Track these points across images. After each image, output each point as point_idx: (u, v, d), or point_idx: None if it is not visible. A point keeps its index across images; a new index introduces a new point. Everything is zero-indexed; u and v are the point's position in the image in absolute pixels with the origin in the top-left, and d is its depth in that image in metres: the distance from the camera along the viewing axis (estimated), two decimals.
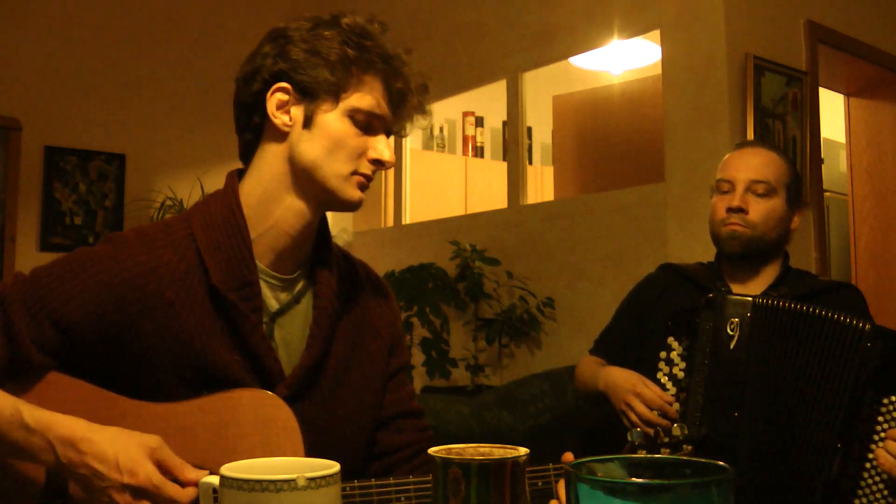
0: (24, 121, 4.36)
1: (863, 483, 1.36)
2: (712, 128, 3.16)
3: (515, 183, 4.05)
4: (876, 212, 4.26)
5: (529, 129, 4.97)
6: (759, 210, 1.79)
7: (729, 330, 1.54)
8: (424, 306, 3.76)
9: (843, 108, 4.39)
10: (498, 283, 3.90)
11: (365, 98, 1.16)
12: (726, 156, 1.89)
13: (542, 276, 3.78)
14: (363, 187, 1.19)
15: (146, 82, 4.72)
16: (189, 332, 1.11)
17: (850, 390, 1.38)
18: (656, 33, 3.49)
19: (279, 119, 1.17)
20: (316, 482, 0.73)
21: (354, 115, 1.16)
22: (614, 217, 3.54)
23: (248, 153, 1.23)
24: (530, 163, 5.21)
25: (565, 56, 3.92)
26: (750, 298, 1.55)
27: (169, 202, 4.53)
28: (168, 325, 1.10)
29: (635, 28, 3.59)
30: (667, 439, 1.41)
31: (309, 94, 1.16)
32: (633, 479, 0.58)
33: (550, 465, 1.12)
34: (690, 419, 1.57)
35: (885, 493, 1.34)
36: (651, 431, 1.62)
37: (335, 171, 1.16)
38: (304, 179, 1.17)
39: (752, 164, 1.81)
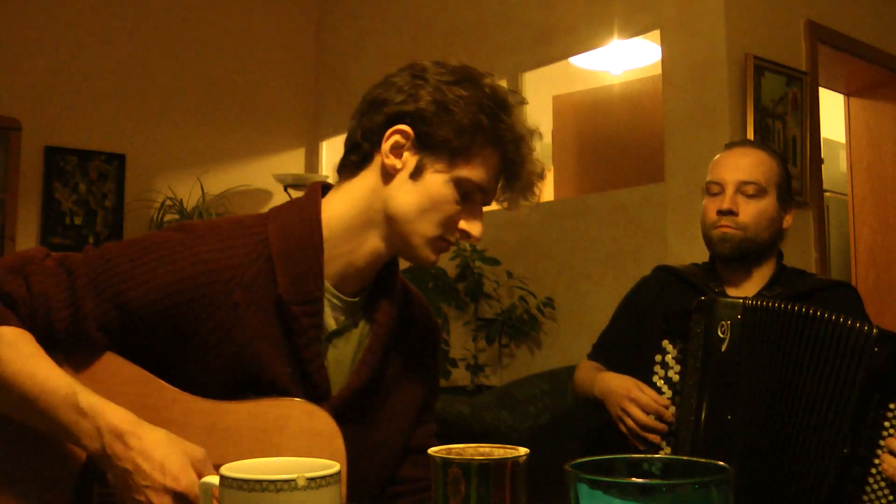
0: (24, 121, 4.36)
1: (867, 488, 1.35)
2: (712, 128, 3.16)
3: None
4: (876, 212, 4.26)
5: None
6: (750, 211, 1.78)
7: (720, 332, 1.54)
8: None
9: (843, 108, 4.39)
10: (498, 283, 3.90)
11: (478, 171, 1.14)
12: (716, 157, 1.89)
13: (542, 276, 3.78)
14: (442, 251, 1.19)
15: (146, 82, 4.72)
16: (248, 336, 1.10)
17: (856, 394, 1.36)
18: (656, 33, 3.49)
19: (390, 160, 1.14)
20: (316, 482, 0.73)
21: (461, 184, 1.14)
22: (614, 217, 3.54)
23: (346, 172, 1.21)
24: None
25: (565, 56, 3.92)
26: (740, 300, 1.55)
27: (169, 202, 4.54)
28: (229, 327, 1.10)
29: (635, 28, 3.59)
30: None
31: (427, 148, 1.13)
32: (633, 479, 0.58)
33: None
34: (685, 422, 1.57)
35: (891, 498, 1.34)
36: (657, 438, 1.62)
37: (422, 230, 1.15)
38: (390, 224, 1.16)
39: (742, 165, 1.81)
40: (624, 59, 4.25)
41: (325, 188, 1.23)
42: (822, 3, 3.59)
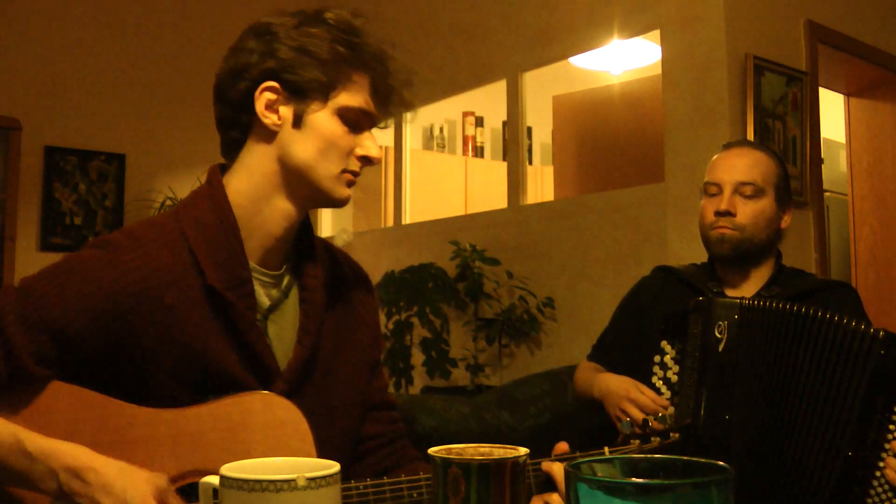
0: (24, 121, 4.36)
1: (871, 491, 1.34)
2: (712, 128, 3.16)
3: (515, 183, 4.05)
4: (876, 212, 4.26)
5: (529, 129, 4.97)
6: (748, 212, 1.78)
7: (717, 333, 1.54)
8: (424, 306, 3.76)
9: (843, 108, 4.39)
10: (498, 283, 3.90)
11: (354, 97, 1.16)
12: (713, 157, 1.89)
13: (542, 276, 3.78)
14: (351, 184, 1.20)
15: (146, 82, 4.72)
16: (189, 334, 1.10)
17: (861, 397, 1.35)
18: (656, 33, 3.48)
19: (268, 119, 1.16)
20: (316, 482, 0.73)
21: (344, 114, 1.16)
22: (614, 217, 3.54)
23: (232, 150, 1.22)
24: (530, 163, 5.21)
25: (565, 56, 3.92)
26: (738, 301, 1.55)
27: (169, 202, 4.54)
28: (168, 329, 1.09)
29: (635, 28, 3.58)
30: (657, 427, 1.40)
31: (298, 94, 1.15)
32: (633, 479, 0.58)
33: (566, 453, 1.13)
34: (682, 422, 1.57)
35: (895, 500, 1.33)
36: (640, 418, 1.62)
37: (327, 171, 1.16)
38: (295, 179, 1.17)
39: (739, 166, 1.81)
40: (624, 59, 4.25)
41: (223, 169, 1.23)
42: (822, 3, 3.59)
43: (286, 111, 1.16)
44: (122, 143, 4.64)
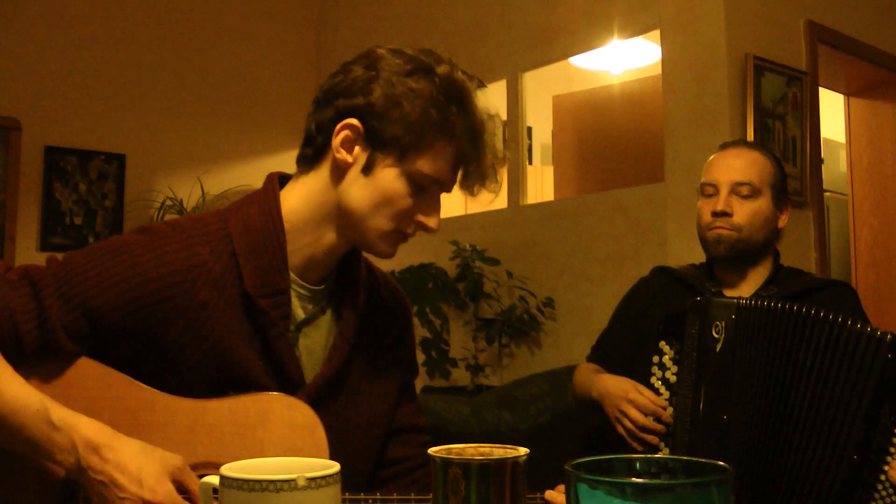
0: (24, 121, 4.36)
1: (876, 494, 1.34)
2: (712, 128, 3.16)
3: (515, 183, 4.05)
4: (876, 212, 4.26)
5: (529, 129, 4.97)
6: (744, 212, 1.78)
7: (714, 333, 1.54)
8: (424, 306, 3.76)
9: (843, 108, 4.39)
10: (498, 283, 3.90)
11: (431, 164, 1.12)
12: (710, 158, 1.89)
13: (542, 276, 3.77)
14: (398, 243, 1.18)
15: (146, 82, 4.72)
16: (219, 333, 1.10)
17: (867, 401, 1.32)
18: (656, 33, 3.48)
19: (341, 155, 1.13)
20: (316, 482, 0.73)
21: (415, 177, 1.12)
22: (614, 217, 3.54)
23: (303, 164, 1.20)
24: (530, 163, 5.21)
25: (565, 56, 3.92)
26: (734, 301, 1.55)
27: (169, 202, 4.54)
28: (198, 325, 1.10)
29: (635, 28, 3.58)
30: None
31: (377, 142, 1.11)
32: (633, 479, 0.58)
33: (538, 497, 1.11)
34: (681, 423, 1.57)
35: None
36: (654, 440, 1.62)
37: (376, 225, 1.14)
38: (345, 219, 1.16)
39: (735, 166, 1.81)
40: (624, 59, 4.25)
41: (282, 179, 1.22)
42: (822, 3, 3.59)
43: (360, 153, 1.13)
44: (122, 143, 4.64)
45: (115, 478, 0.95)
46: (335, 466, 0.76)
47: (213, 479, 0.82)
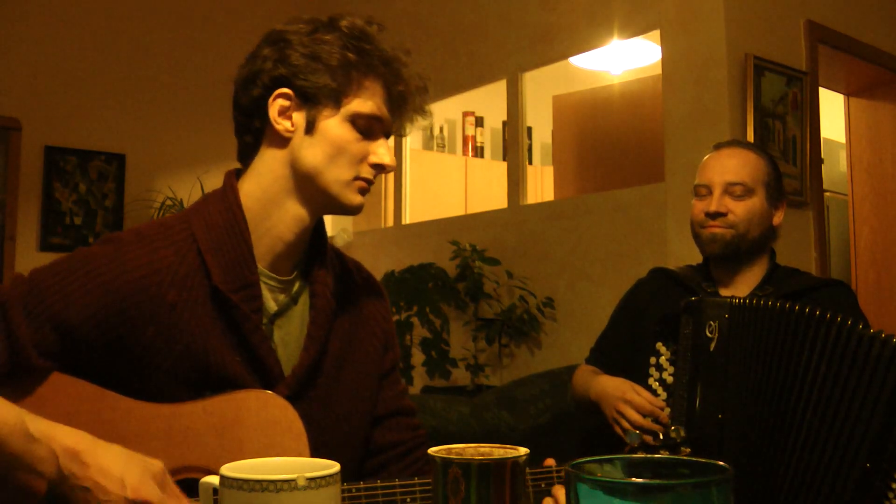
0: (24, 121, 4.36)
1: (887, 502, 1.32)
2: (712, 128, 3.16)
3: (515, 183, 4.05)
4: (876, 212, 4.26)
5: (529, 129, 4.97)
6: (738, 212, 1.80)
7: (708, 332, 1.53)
8: (424, 306, 3.76)
9: (843, 108, 4.39)
10: (498, 283, 3.90)
11: (366, 103, 1.17)
12: (704, 158, 1.90)
13: (542, 276, 3.78)
14: (364, 192, 1.21)
15: (146, 82, 4.72)
16: (191, 333, 1.11)
17: (881, 409, 1.28)
18: (656, 33, 3.49)
19: (281, 125, 1.17)
20: (316, 482, 0.73)
21: (356, 120, 1.17)
22: (614, 217, 3.54)
23: (247, 155, 1.23)
24: (530, 163, 5.21)
25: (565, 56, 3.92)
26: (728, 300, 1.54)
27: (169, 202, 4.54)
28: (170, 328, 1.10)
29: (635, 28, 3.58)
30: (665, 442, 1.40)
31: (310, 100, 1.16)
32: (633, 479, 0.58)
33: (553, 467, 1.12)
34: (677, 423, 1.57)
35: None
36: (650, 438, 1.62)
37: (337, 176, 1.17)
38: (306, 184, 1.18)
39: (728, 167, 1.82)
40: (624, 59, 4.25)
41: (240, 174, 1.24)
42: (822, 3, 3.59)
43: (299, 117, 1.17)
44: (122, 143, 4.64)
45: (97, 482, 0.94)
46: (335, 466, 0.76)
47: (213, 480, 0.82)
